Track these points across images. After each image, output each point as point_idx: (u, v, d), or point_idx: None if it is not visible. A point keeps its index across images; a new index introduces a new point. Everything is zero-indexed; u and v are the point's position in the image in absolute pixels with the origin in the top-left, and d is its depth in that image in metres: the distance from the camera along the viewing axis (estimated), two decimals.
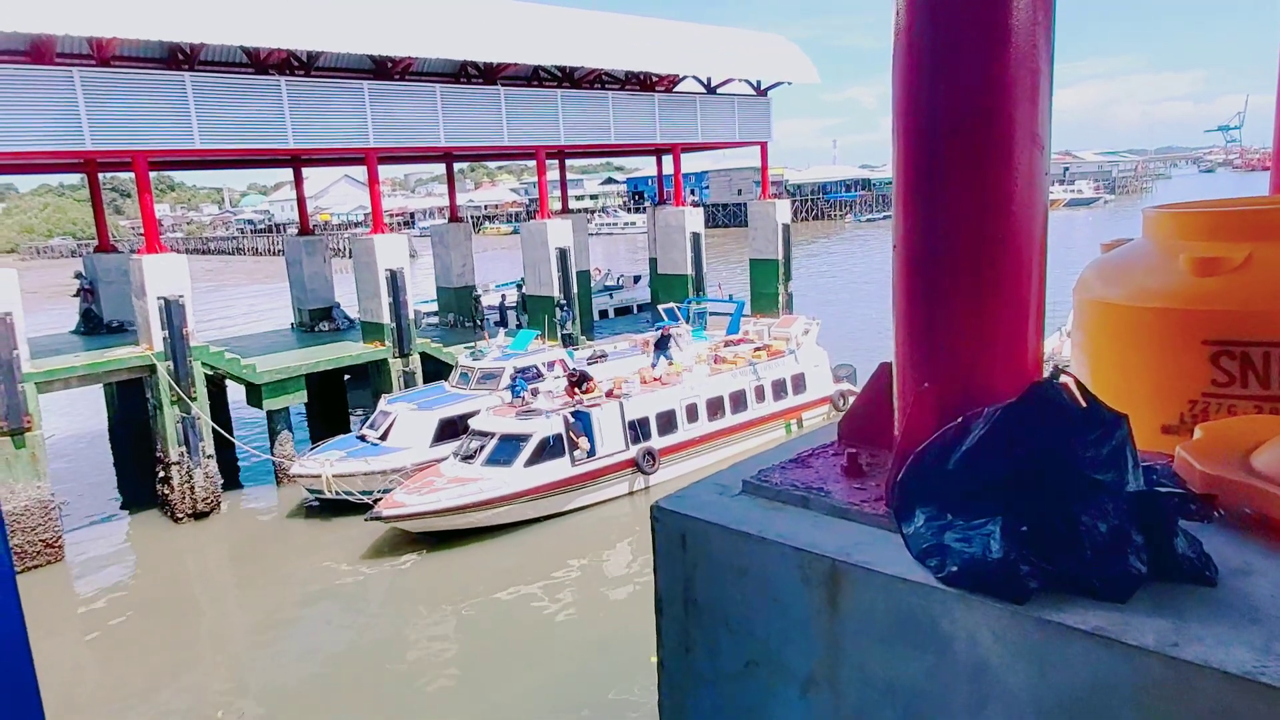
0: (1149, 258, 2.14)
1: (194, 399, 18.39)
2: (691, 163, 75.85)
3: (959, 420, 1.62)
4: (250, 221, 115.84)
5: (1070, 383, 1.50)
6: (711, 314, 24.19)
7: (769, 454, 2.19)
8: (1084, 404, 1.47)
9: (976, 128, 1.72)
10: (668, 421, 19.21)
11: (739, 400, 20.52)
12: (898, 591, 1.51)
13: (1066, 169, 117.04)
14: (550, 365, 20.66)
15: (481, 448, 17.51)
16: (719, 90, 30.09)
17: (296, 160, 28.01)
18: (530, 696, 11.81)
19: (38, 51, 18.09)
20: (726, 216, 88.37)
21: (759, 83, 30.68)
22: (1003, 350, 1.76)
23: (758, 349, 21.94)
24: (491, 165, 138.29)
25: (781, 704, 1.71)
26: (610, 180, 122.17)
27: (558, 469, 17.44)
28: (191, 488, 18.53)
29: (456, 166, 34.60)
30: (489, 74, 25.18)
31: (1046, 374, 1.60)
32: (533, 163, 27.74)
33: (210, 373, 19.42)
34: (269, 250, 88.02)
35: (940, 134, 1.75)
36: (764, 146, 31.77)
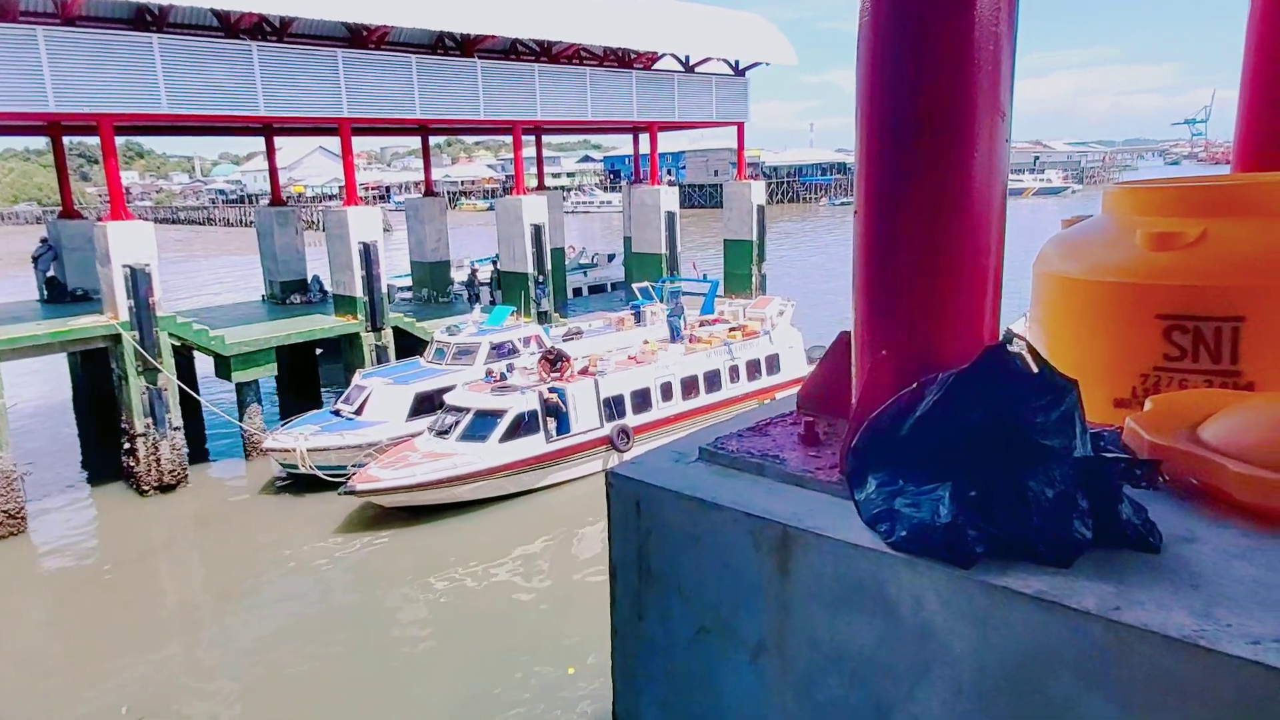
0: (1107, 233, 2.14)
1: (160, 369, 18.11)
2: (668, 142, 75.29)
3: (913, 386, 1.62)
4: (222, 191, 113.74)
5: (1023, 349, 1.50)
6: (685, 293, 24.18)
7: (728, 423, 2.18)
8: (1035, 370, 1.46)
9: (938, 96, 1.70)
10: (642, 399, 19.22)
11: (713, 380, 20.57)
12: (847, 557, 1.51)
13: (1037, 158, 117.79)
14: (526, 341, 20.57)
15: (457, 423, 17.43)
16: (697, 69, 29.90)
17: (269, 129, 27.49)
18: (500, 670, 11.85)
19: (0, 9, 17.54)
20: (702, 197, 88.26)
21: (737, 63, 30.53)
22: (960, 318, 1.75)
23: (732, 329, 21.99)
24: (468, 140, 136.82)
25: (731, 670, 1.70)
26: (587, 158, 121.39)
27: (532, 445, 17.41)
28: (158, 460, 18.28)
29: (433, 141, 34.17)
30: (466, 46, 24.81)
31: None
32: (509, 139, 27.46)
33: (177, 344, 19.11)
34: (240, 221, 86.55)
35: (903, 102, 1.73)
36: (740, 127, 31.66)
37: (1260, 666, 1.06)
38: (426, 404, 18.70)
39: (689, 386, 20.08)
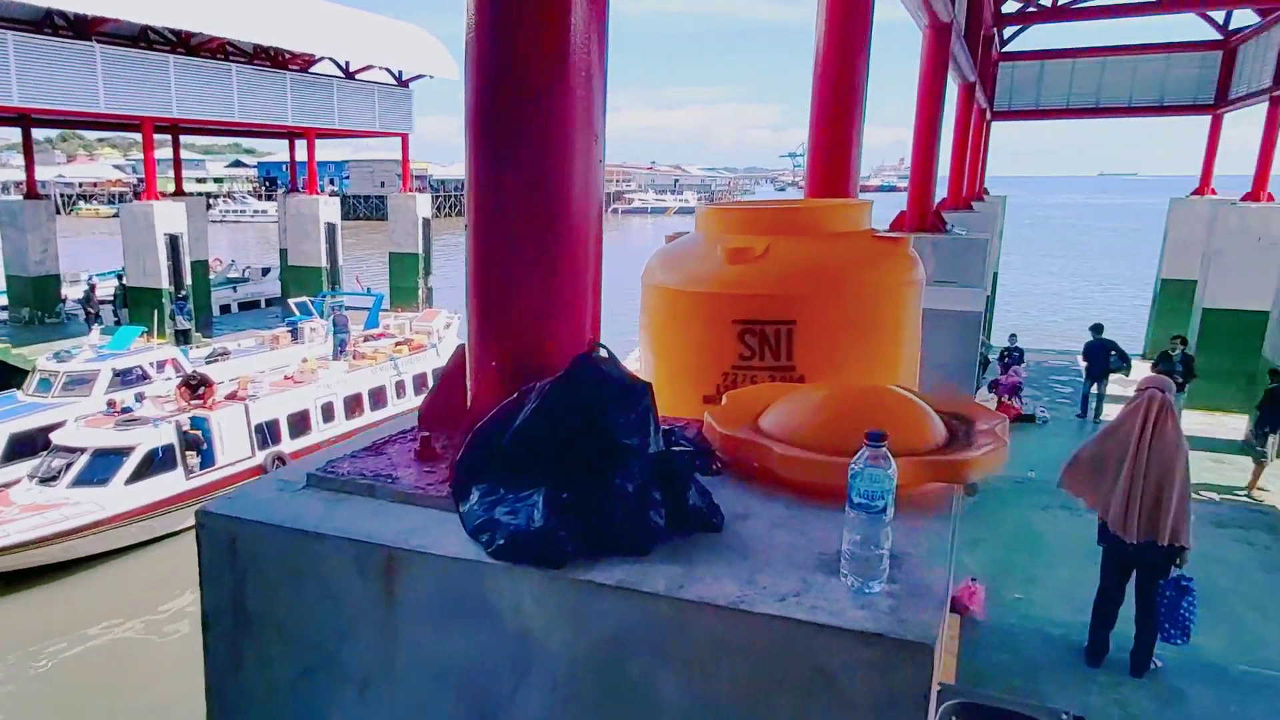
0: (698, 248, 2.40)
1: None
2: (330, 151, 71.38)
3: (515, 396, 1.66)
4: None
5: (607, 356, 1.60)
6: (349, 308, 23.04)
7: (345, 444, 2.07)
8: (616, 375, 1.57)
9: (538, 116, 1.77)
10: (301, 422, 17.86)
11: (379, 396, 19.79)
12: (450, 572, 1.49)
13: (677, 180, 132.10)
14: (160, 366, 18.12)
15: (68, 466, 14.79)
16: (358, 76, 28.77)
17: None
18: None
19: None
20: (367, 208, 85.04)
21: (400, 73, 29.89)
22: (563, 326, 1.83)
23: (398, 343, 21.40)
24: (89, 136, 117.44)
25: (340, 709, 1.61)
26: (239, 163, 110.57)
27: (169, 484, 15.34)
28: None
29: (43, 134, 28.96)
30: (81, 27, 21.39)
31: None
32: (140, 137, 24.15)
33: None
34: None
35: (504, 123, 1.77)
36: (405, 138, 31.04)
37: (783, 620, 1.23)
38: (25, 446, 15.66)
39: (353, 405, 19.10)
